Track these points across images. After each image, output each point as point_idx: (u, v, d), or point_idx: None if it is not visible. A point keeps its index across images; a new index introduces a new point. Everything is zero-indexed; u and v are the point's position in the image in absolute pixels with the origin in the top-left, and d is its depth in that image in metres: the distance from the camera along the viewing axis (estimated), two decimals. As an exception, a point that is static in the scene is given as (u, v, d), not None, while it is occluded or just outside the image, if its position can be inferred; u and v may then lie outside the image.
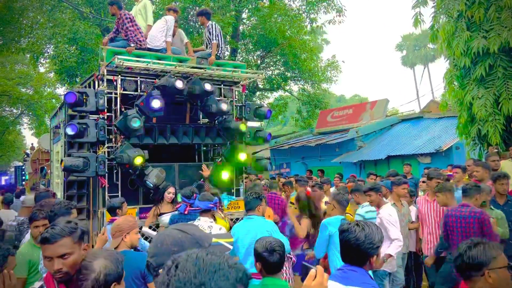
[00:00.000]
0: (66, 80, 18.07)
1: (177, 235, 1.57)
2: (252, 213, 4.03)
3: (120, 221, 3.31)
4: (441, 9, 8.75)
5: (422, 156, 11.16)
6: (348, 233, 2.26)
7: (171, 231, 1.61)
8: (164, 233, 1.62)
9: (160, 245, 1.55)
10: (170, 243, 1.54)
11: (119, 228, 3.22)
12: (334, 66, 20.88)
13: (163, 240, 1.56)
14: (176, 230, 1.60)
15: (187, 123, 7.47)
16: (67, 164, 5.68)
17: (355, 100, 41.53)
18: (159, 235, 1.62)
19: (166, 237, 1.57)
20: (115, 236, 3.22)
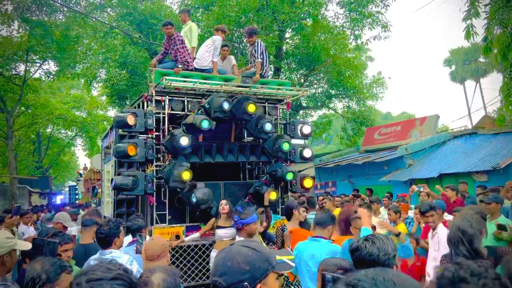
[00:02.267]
0: (116, 103, 18.90)
1: (246, 252, 1.49)
2: (320, 232, 3.82)
3: (162, 240, 3.22)
4: (495, 20, 8.34)
5: (477, 174, 10.55)
6: (360, 251, 2.12)
7: (239, 248, 1.52)
8: (231, 250, 1.53)
9: (230, 263, 1.45)
10: (241, 261, 1.45)
11: (164, 247, 3.14)
12: (379, 83, 20.46)
13: (232, 257, 1.47)
14: (244, 247, 1.51)
15: (232, 142, 7.51)
16: (117, 182, 5.84)
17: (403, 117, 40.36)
18: (226, 252, 1.53)
19: (235, 254, 1.48)
20: (161, 256, 3.09)
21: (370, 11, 15.13)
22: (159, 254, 3.05)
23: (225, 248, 1.58)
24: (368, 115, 20.08)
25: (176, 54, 6.92)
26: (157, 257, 3.02)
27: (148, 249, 3.10)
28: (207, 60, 7.11)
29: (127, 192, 6.06)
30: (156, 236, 3.38)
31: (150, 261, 3.05)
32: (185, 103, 6.86)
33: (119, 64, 16.57)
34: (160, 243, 3.12)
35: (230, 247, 1.56)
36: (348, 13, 15.70)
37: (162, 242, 3.16)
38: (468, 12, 9.07)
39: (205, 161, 6.89)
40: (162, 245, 3.09)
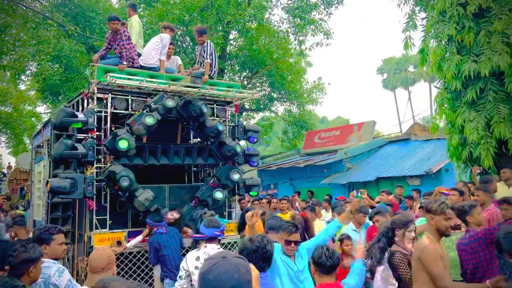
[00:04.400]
0: (48, 98, 17.67)
1: (244, 263, 1.55)
2: (273, 237, 3.72)
3: (108, 251, 2.99)
4: (431, 33, 8.87)
5: (411, 178, 11.16)
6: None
7: (236, 260, 1.54)
8: (231, 262, 1.52)
9: (237, 275, 1.48)
10: (245, 271, 1.52)
11: (110, 259, 2.91)
12: (319, 88, 21.06)
13: (236, 270, 1.50)
14: (238, 258, 1.55)
15: (178, 143, 7.27)
16: (54, 185, 5.40)
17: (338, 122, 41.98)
18: (225, 265, 1.51)
19: (238, 266, 1.51)
20: (106, 268, 2.87)
21: (313, 18, 15.51)
22: (104, 266, 2.83)
23: (219, 261, 1.50)
24: (308, 119, 20.58)
25: (121, 50, 6.57)
26: (101, 270, 2.80)
27: (93, 260, 2.86)
28: (154, 58, 6.82)
29: (64, 196, 5.62)
30: (103, 247, 3.10)
31: (94, 274, 2.81)
32: (129, 102, 6.51)
33: (52, 58, 15.50)
34: (106, 255, 2.90)
35: (226, 260, 1.51)
36: (292, 18, 15.97)
37: (108, 253, 2.93)
38: (407, 24, 9.60)
39: (149, 163, 6.59)
40: (108, 257, 2.88)
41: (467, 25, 7.95)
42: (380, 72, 46.62)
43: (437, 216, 3.30)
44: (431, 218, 3.34)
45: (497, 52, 7.52)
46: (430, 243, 3.26)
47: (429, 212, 3.37)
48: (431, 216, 3.34)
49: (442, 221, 3.29)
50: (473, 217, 4.08)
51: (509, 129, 7.56)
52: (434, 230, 3.34)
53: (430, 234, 3.38)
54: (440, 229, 3.31)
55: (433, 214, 3.32)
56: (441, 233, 3.33)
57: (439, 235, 3.33)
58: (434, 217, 3.31)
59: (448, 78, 8.20)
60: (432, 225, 3.34)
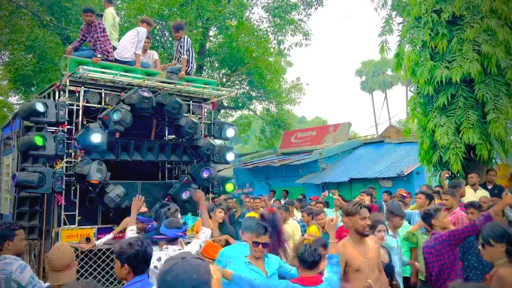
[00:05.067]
0: (21, 89, 17.18)
1: (203, 263, 1.56)
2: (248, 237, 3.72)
3: (70, 248, 2.91)
4: (406, 38, 9.05)
5: (384, 180, 11.37)
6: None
7: (195, 260, 1.55)
8: (189, 263, 1.52)
9: (195, 276, 1.49)
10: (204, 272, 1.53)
11: (73, 256, 2.83)
12: (298, 88, 21.19)
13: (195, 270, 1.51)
14: (198, 259, 1.56)
15: (152, 139, 7.19)
16: (20, 179, 5.24)
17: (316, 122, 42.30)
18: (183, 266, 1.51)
19: (197, 267, 1.53)
20: (70, 266, 2.76)
21: (292, 18, 15.57)
22: (67, 264, 2.73)
23: (178, 261, 1.51)
24: (285, 118, 20.68)
25: (95, 43, 6.43)
26: (65, 268, 2.70)
27: (54, 258, 2.74)
28: (130, 52, 6.71)
29: (32, 190, 5.47)
30: (62, 244, 3.00)
31: (57, 272, 2.71)
32: (103, 95, 6.36)
33: (25, 47, 15.06)
34: (69, 252, 2.80)
35: (186, 260, 1.51)
36: (272, 17, 16.01)
37: (70, 250, 2.84)
38: (384, 28, 9.76)
39: (121, 159, 6.49)
40: (71, 254, 2.79)
41: (441, 32, 8.15)
42: (359, 74, 47.27)
43: (353, 217, 3.45)
44: (349, 220, 3.49)
45: (468, 59, 7.75)
46: (340, 248, 3.45)
47: (347, 215, 3.52)
48: (349, 218, 3.49)
49: (359, 221, 3.43)
50: (438, 221, 4.19)
51: (478, 135, 7.80)
52: (353, 232, 3.50)
53: (350, 237, 3.56)
54: (358, 230, 3.46)
55: (350, 216, 3.47)
56: (359, 233, 3.47)
57: (358, 235, 3.48)
58: (352, 218, 3.46)
59: (421, 83, 8.39)
60: (351, 226, 3.49)
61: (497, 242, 2.92)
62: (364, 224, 3.44)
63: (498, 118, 7.61)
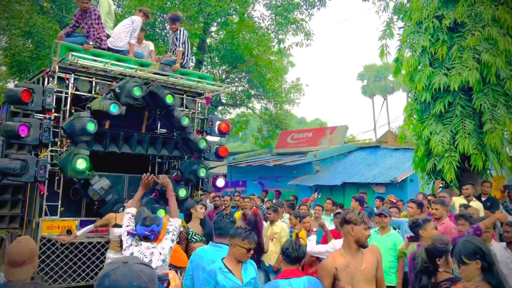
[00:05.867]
0: (17, 75, 17.00)
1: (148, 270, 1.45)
2: (223, 241, 3.58)
3: (31, 243, 2.72)
4: (406, 43, 8.94)
5: (377, 186, 11.25)
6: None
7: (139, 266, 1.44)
8: (131, 268, 1.41)
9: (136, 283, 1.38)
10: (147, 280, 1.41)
11: (32, 252, 2.65)
12: (297, 89, 21.06)
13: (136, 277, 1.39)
14: (142, 265, 1.46)
15: (143, 132, 7.06)
16: (2, 166, 5.11)
17: (316, 124, 42.16)
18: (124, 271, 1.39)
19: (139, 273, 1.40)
20: (27, 262, 2.59)
21: (294, 17, 15.43)
22: (24, 259, 2.56)
23: (119, 266, 1.38)
24: (283, 118, 20.56)
25: (89, 30, 6.29)
26: (22, 263, 2.55)
27: (13, 252, 2.60)
28: (123, 41, 6.58)
29: (13, 178, 5.33)
30: (24, 238, 2.82)
31: (13, 267, 2.56)
32: (93, 84, 6.24)
33: (23, 33, 14.88)
34: (28, 247, 2.64)
35: (127, 265, 1.40)
36: (274, 16, 15.87)
37: (30, 245, 2.68)
38: (384, 32, 9.64)
39: (109, 151, 6.36)
40: (30, 249, 2.62)
41: (441, 38, 8.04)
42: (361, 78, 47.12)
43: (357, 226, 3.10)
44: (351, 228, 3.11)
45: (467, 67, 7.63)
46: (326, 261, 3.19)
47: (348, 223, 3.14)
48: (351, 227, 3.11)
49: (363, 231, 3.10)
50: (426, 231, 4.08)
51: (473, 144, 7.68)
52: (352, 242, 3.13)
53: (345, 246, 3.18)
54: (360, 240, 3.11)
55: (353, 225, 3.10)
56: (361, 244, 3.13)
57: (358, 246, 3.14)
58: (355, 228, 3.09)
59: (419, 89, 8.28)
60: (352, 236, 3.11)
61: (471, 259, 2.67)
62: (368, 235, 3.14)
63: (495, 129, 7.50)
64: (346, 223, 3.17)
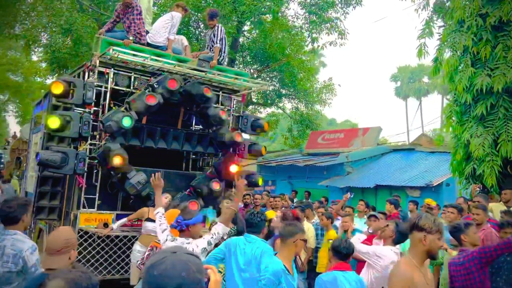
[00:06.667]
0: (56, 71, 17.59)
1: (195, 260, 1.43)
2: (256, 235, 3.65)
3: (68, 234, 2.74)
4: (446, 43, 8.65)
5: (411, 189, 10.96)
6: None
7: (186, 256, 1.42)
8: (180, 258, 1.39)
9: (185, 273, 1.34)
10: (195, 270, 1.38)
11: (68, 242, 2.65)
12: (329, 89, 20.82)
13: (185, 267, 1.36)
14: (190, 255, 1.45)
15: (179, 128, 7.11)
16: (43, 158, 5.25)
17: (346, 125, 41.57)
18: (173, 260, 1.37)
19: (187, 263, 1.38)
20: (62, 252, 2.61)
21: (329, 16, 15.24)
22: (59, 249, 2.59)
23: (167, 255, 1.36)
24: (314, 119, 20.38)
25: (130, 24, 6.37)
26: (56, 252, 2.58)
27: (48, 241, 2.67)
28: (163, 37, 6.63)
29: (54, 170, 5.47)
30: (64, 228, 2.87)
31: (48, 255, 2.61)
32: (132, 79, 6.31)
33: (63, 31, 15.35)
34: (64, 237, 2.65)
35: (175, 255, 1.38)
36: (307, 15, 15.73)
37: (66, 236, 2.68)
38: (423, 31, 9.35)
39: (146, 145, 6.43)
40: (65, 240, 2.63)
41: (485, 37, 7.72)
42: (394, 79, 46.26)
43: (432, 235, 2.73)
44: (423, 237, 2.74)
45: (513, 68, 7.29)
46: (404, 270, 2.75)
47: (421, 230, 2.76)
48: (424, 235, 2.74)
49: (437, 241, 2.75)
50: (468, 236, 3.90)
51: (517, 149, 7.34)
52: (422, 252, 2.77)
53: (414, 256, 2.80)
54: (433, 251, 2.76)
55: (427, 233, 2.74)
56: (433, 255, 2.80)
57: (427, 257, 2.81)
58: (428, 237, 2.73)
59: (459, 91, 7.98)
60: (424, 245, 2.74)
61: None
62: (440, 245, 2.81)
63: (541, 133, 7.14)
64: (417, 230, 2.79)
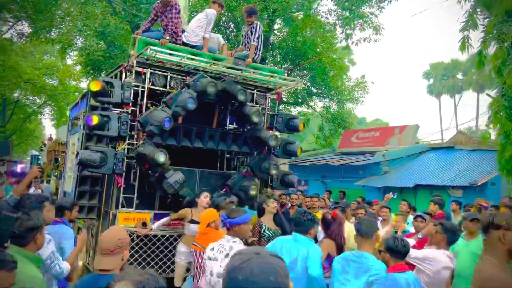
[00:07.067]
0: (90, 74, 17.96)
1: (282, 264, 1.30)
2: (303, 235, 3.68)
3: (121, 234, 2.66)
4: (492, 34, 8.19)
5: (453, 189, 10.48)
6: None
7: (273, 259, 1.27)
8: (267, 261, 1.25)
9: (273, 278, 1.20)
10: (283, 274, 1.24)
11: (121, 242, 2.57)
12: (362, 87, 20.34)
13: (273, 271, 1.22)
14: (276, 257, 1.29)
15: (214, 127, 7.02)
16: (83, 157, 5.25)
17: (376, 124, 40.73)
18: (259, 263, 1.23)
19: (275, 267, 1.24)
20: (116, 252, 2.53)
21: (363, 12, 14.84)
22: (112, 249, 2.51)
23: (251, 257, 1.22)
24: (346, 117, 19.96)
25: (168, 23, 6.31)
26: (109, 253, 2.50)
27: (103, 241, 2.57)
28: (198, 36, 6.54)
29: (93, 169, 5.47)
30: (117, 227, 2.77)
31: (101, 255, 2.52)
32: (168, 79, 6.28)
33: (97, 34, 15.64)
34: (117, 237, 2.57)
35: (261, 257, 1.23)
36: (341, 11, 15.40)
37: (120, 235, 2.60)
38: (466, 23, 8.89)
39: (182, 145, 6.37)
40: (118, 240, 2.55)
41: (537, 28, 7.25)
42: (426, 76, 44.93)
43: (511, 231, 2.50)
44: (502, 235, 2.52)
45: None
46: (499, 273, 2.46)
47: (497, 228, 2.54)
48: (503, 233, 2.52)
49: None
50: None
51: None
52: (503, 251, 2.53)
53: (494, 257, 2.55)
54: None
55: (505, 230, 2.51)
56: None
57: (509, 257, 2.54)
58: (508, 234, 2.50)
59: (508, 84, 7.54)
60: (503, 244, 2.51)
61: None
62: None
63: None
64: (494, 228, 2.59)
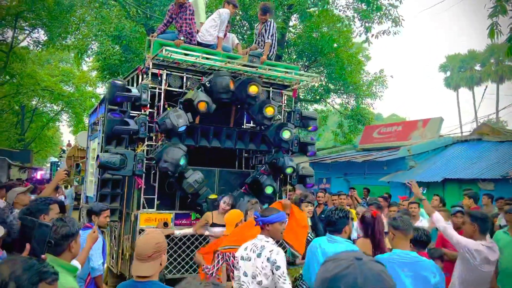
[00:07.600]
0: (107, 78, 18.10)
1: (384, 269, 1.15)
2: (337, 235, 3.50)
3: (158, 237, 2.54)
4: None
5: (484, 182, 10.09)
6: None
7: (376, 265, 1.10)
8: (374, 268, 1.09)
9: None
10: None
11: (159, 247, 2.47)
12: (380, 81, 19.94)
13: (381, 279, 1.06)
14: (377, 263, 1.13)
15: (231, 126, 6.90)
16: (103, 160, 5.21)
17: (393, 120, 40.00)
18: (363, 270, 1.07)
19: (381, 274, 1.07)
20: (153, 257, 2.43)
21: (380, 4, 14.48)
22: (150, 254, 2.41)
23: (353, 263, 1.07)
24: (366, 113, 19.60)
25: (182, 24, 6.27)
26: (147, 258, 2.40)
27: (139, 246, 2.47)
28: (212, 35, 6.46)
29: (113, 172, 5.42)
30: (152, 231, 2.64)
31: (138, 261, 2.42)
32: (184, 79, 6.23)
33: (113, 38, 15.73)
34: (154, 241, 2.46)
35: (364, 263, 1.07)
36: (358, 4, 15.08)
37: (156, 239, 2.49)
38: (494, 9, 8.52)
39: (200, 145, 6.27)
40: (156, 244, 2.45)
41: None
42: (443, 69, 43.89)
43: None
44: None
45: None
46: None
47: None
48: None
49: None
50: None
51: None
52: None
53: None
54: None
55: None
56: None
57: None
58: None
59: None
60: None
61: None
62: None
63: None
64: None
